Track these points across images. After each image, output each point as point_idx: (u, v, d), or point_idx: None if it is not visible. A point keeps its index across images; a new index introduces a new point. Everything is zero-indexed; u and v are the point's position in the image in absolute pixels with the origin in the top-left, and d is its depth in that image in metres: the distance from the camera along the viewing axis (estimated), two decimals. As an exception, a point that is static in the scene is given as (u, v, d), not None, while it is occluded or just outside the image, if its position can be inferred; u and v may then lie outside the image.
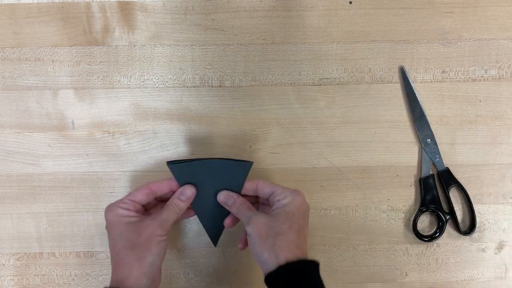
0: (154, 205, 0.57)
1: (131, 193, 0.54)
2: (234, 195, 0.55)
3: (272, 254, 0.48)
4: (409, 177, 0.61)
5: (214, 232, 0.57)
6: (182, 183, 0.55)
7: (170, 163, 0.55)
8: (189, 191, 0.54)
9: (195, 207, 0.56)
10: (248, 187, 0.55)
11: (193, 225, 0.61)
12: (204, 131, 0.60)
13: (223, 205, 0.55)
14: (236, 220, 0.56)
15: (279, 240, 0.49)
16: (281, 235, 0.49)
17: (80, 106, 0.60)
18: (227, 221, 0.56)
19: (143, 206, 0.55)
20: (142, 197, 0.53)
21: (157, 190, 0.55)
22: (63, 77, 0.60)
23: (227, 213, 0.56)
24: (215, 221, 0.57)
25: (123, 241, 0.51)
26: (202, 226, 0.60)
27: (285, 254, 0.48)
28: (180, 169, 0.55)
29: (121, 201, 0.53)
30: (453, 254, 0.61)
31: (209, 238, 0.57)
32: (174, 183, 0.55)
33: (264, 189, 0.54)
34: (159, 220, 0.52)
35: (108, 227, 0.52)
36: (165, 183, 0.55)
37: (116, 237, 0.51)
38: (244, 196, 0.55)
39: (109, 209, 0.53)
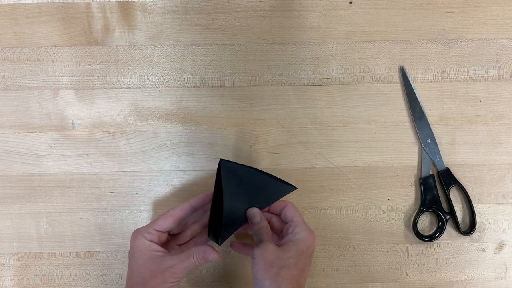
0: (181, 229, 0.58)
1: (156, 221, 0.54)
2: (261, 215, 0.55)
3: (275, 284, 0.49)
4: (409, 177, 0.61)
5: (220, 231, 0.56)
6: (225, 179, 0.54)
7: (223, 160, 0.54)
8: (215, 257, 0.53)
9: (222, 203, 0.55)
10: (277, 205, 0.57)
11: (193, 225, 0.61)
12: (204, 131, 0.60)
13: (249, 219, 0.55)
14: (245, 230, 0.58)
15: (283, 271, 0.50)
16: (286, 268, 0.50)
17: (80, 106, 0.60)
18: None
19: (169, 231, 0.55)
20: (167, 225, 0.54)
21: (195, 205, 0.55)
22: (63, 77, 0.60)
23: (243, 222, 0.56)
24: (228, 223, 0.56)
25: (139, 277, 0.52)
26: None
27: (287, 286, 0.49)
28: (230, 168, 0.54)
29: (146, 230, 0.53)
30: (453, 254, 0.61)
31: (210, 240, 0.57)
32: (208, 196, 0.56)
33: (287, 213, 0.55)
34: (178, 268, 0.52)
35: (132, 254, 0.53)
36: (202, 197, 0.56)
37: (134, 269, 0.52)
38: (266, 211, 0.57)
39: (135, 236, 0.53)
